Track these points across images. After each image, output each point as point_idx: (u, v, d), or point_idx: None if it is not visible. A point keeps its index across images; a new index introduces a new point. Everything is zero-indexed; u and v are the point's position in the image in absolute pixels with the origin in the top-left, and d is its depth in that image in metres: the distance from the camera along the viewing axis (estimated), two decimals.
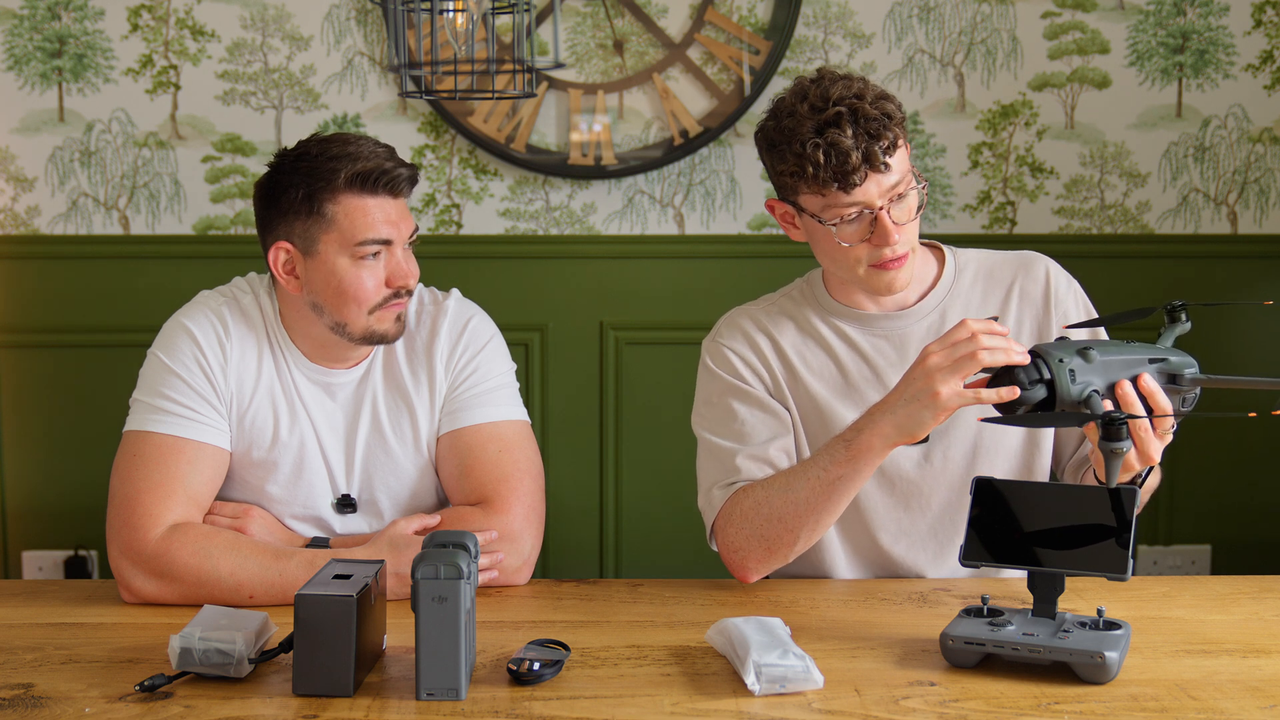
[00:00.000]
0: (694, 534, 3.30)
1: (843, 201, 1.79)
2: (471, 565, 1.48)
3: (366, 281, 1.89)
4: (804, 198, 1.83)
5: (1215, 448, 3.29)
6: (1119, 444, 1.53)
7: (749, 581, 1.89)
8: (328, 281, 1.90)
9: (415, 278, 1.93)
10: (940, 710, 1.43)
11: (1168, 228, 3.27)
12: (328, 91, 3.17)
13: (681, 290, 3.26)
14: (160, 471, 1.87)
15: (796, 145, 1.79)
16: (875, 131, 1.77)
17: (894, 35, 3.20)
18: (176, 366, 1.92)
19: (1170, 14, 3.21)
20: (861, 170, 1.77)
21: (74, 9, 3.14)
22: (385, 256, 1.90)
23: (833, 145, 1.76)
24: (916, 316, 1.94)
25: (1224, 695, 1.48)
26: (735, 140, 3.22)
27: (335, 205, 1.88)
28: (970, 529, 1.62)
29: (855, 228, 1.82)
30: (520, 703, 1.46)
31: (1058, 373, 1.57)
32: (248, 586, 1.80)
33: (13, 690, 1.49)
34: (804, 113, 1.79)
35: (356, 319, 1.91)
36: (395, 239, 1.90)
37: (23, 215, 3.19)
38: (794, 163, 1.80)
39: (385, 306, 1.91)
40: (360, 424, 1.98)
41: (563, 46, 3.16)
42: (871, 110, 1.77)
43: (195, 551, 1.82)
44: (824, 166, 1.77)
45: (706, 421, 1.96)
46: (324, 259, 1.89)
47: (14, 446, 3.23)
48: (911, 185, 1.83)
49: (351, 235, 1.88)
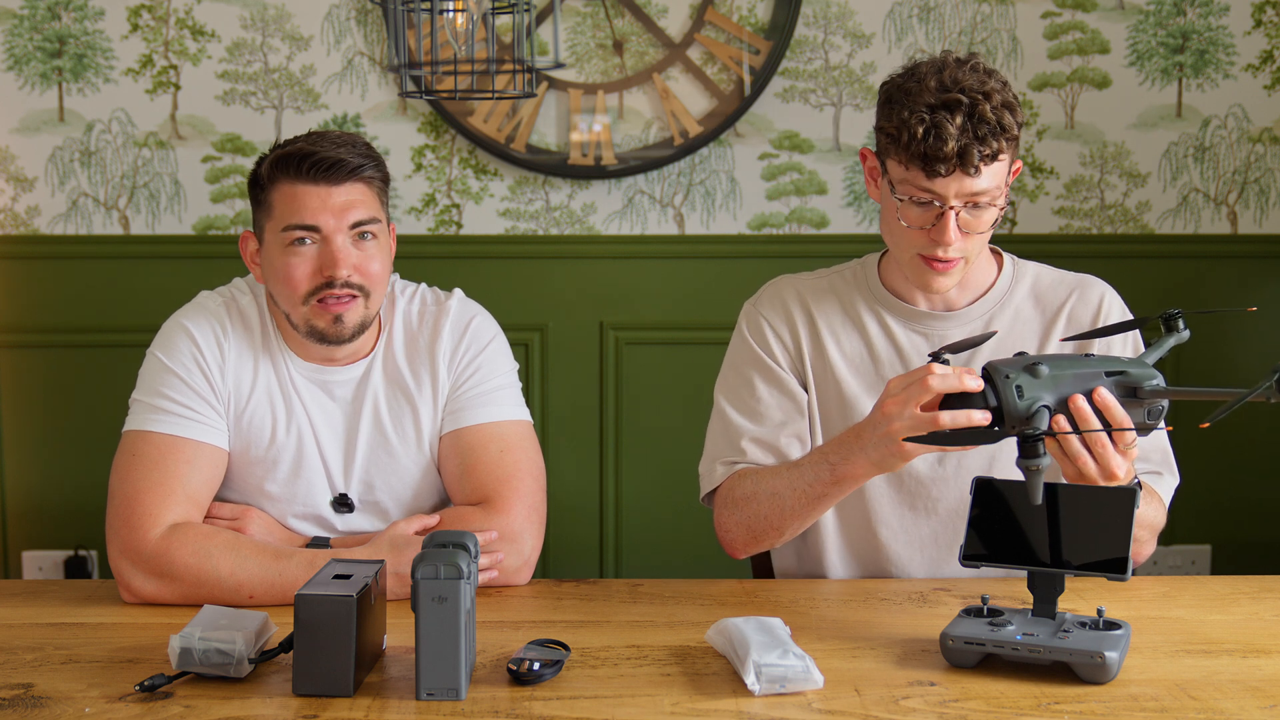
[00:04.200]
0: (694, 534, 3.31)
1: (920, 183, 1.78)
2: (471, 565, 1.48)
3: (295, 269, 1.88)
4: (891, 162, 1.83)
5: (1215, 448, 3.29)
6: (1033, 460, 1.50)
7: (738, 558, 1.96)
8: (270, 269, 1.92)
9: (352, 268, 1.89)
10: (940, 710, 1.43)
11: (1168, 228, 3.28)
12: (328, 91, 3.17)
13: (681, 290, 3.26)
14: (159, 471, 1.87)
15: (906, 112, 1.78)
16: (983, 135, 1.75)
17: (894, 35, 3.20)
18: (175, 366, 1.92)
19: (1170, 14, 3.21)
20: (951, 163, 1.75)
21: (74, 9, 3.14)
22: (320, 245, 1.89)
23: (936, 127, 1.75)
24: (962, 320, 1.94)
25: (1224, 695, 1.48)
26: (735, 140, 3.22)
27: (274, 192, 1.90)
28: (970, 529, 1.62)
29: (919, 213, 1.81)
30: (520, 703, 1.46)
31: (1003, 389, 1.54)
32: (248, 586, 1.80)
33: (13, 690, 1.49)
34: (930, 86, 1.78)
35: (294, 309, 1.91)
36: (327, 227, 1.87)
37: (23, 215, 3.19)
38: (897, 125, 1.79)
39: (319, 300, 1.89)
40: (361, 423, 1.98)
41: (563, 46, 3.16)
42: (990, 114, 1.76)
43: (195, 551, 1.81)
44: (919, 142, 1.76)
45: (726, 387, 2.00)
46: (267, 247, 1.92)
47: (14, 446, 3.23)
48: (995, 202, 1.81)
49: (281, 220, 1.89)
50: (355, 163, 1.89)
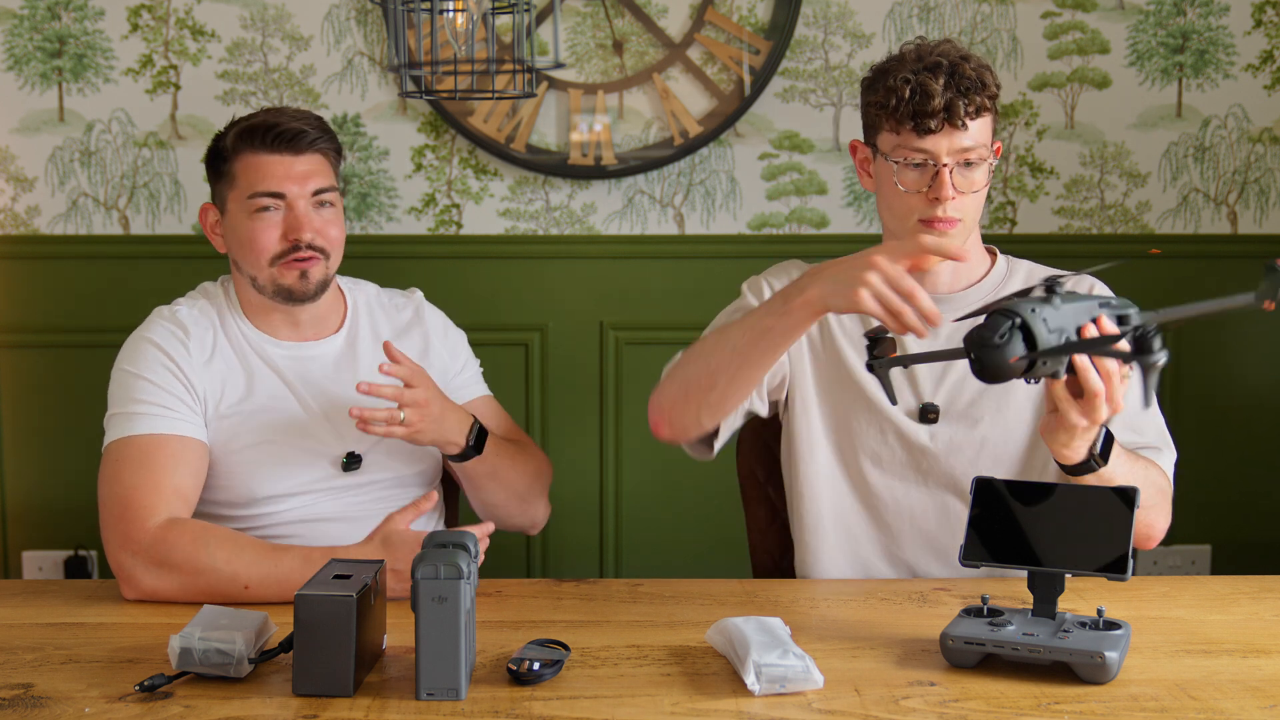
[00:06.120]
0: (694, 534, 3.31)
1: (912, 144, 1.86)
2: (471, 565, 1.48)
3: (261, 234, 2.00)
4: (882, 136, 1.90)
5: (1215, 448, 3.29)
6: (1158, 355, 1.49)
7: (660, 436, 1.94)
8: (235, 236, 2.04)
9: (315, 232, 2.01)
10: (940, 710, 1.44)
11: (1168, 228, 3.27)
12: (328, 91, 3.17)
13: (681, 290, 3.26)
14: (146, 468, 1.92)
15: (890, 79, 1.87)
16: (965, 89, 1.84)
17: (894, 35, 3.20)
18: (143, 371, 1.99)
19: (1170, 14, 3.21)
20: (939, 118, 1.84)
21: (74, 9, 3.14)
22: (284, 211, 2.01)
23: (921, 85, 1.84)
24: (956, 305, 1.95)
25: (1224, 695, 1.48)
26: (735, 140, 3.22)
27: (237, 163, 2.02)
28: (970, 529, 1.62)
29: (915, 175, 1.87)
30: (520, 703, 1.46)
31: (1032, 322, 1.49)
32: (243, 577, 1.82)
33: (13, 690, 1.49)
34: (909, 56, 1.89)
35: (260, 271, 2.02)
36: (291, 193, 2.00)
37: (23, 215, 3.19)
38: (882, 94, 1.88)
39: (286, 261, 2.01)
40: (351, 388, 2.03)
41: (563, 46, 3.16)
42: (969, 71, 1.86)
43: (193, 540, 1.84)
44: (906, 102, 1.85)
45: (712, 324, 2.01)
46: (231, 215, 2.04)
47: (14, 446, 3.23)
48: (984, 159, 1.88)
49: (246, 189, 2.01)
50: (314, 134, 2.03)
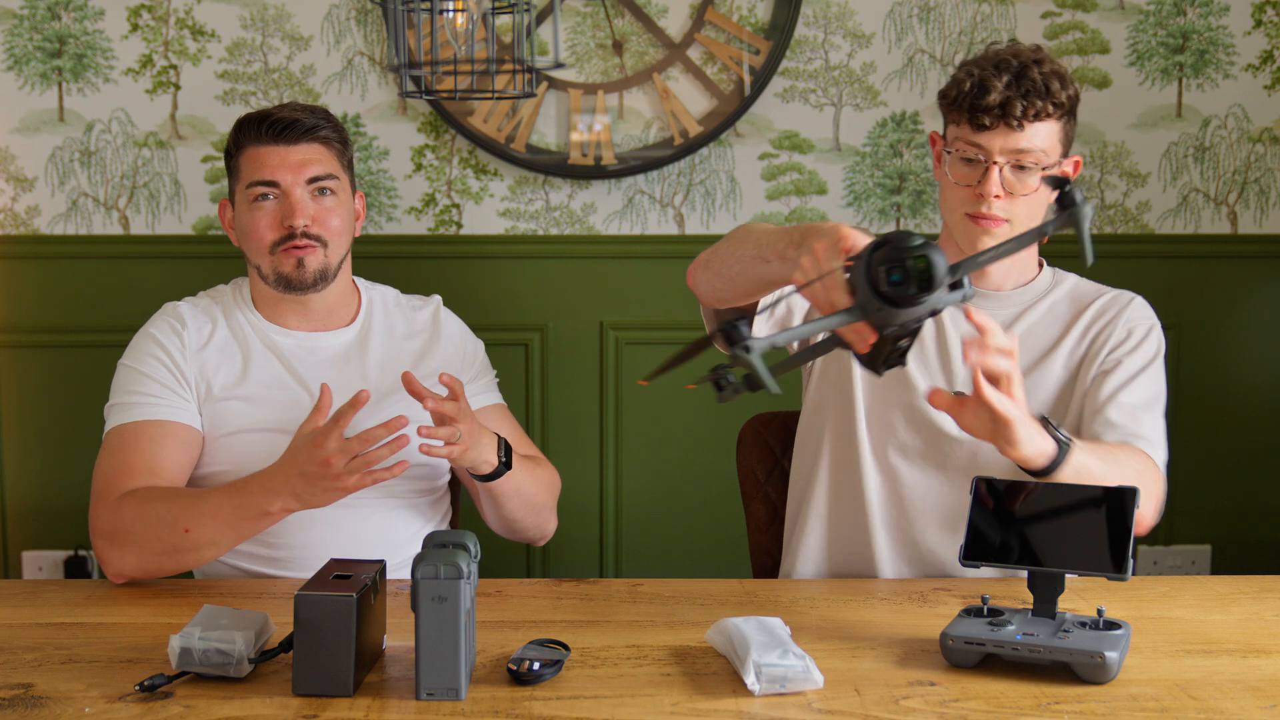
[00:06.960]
0: (694, 534, 3.31)
1: (967, 137, 1.90)
2: (471, 565, 1.48)
3: (258, 222, 2.06)
4: (948, 128, 1.95)
5: (1215, 447, 3.29)
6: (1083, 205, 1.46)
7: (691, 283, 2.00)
8: (240, 227, 2.10)
9: (310, 219, 2.04)
10: (940, 710, 1.44)
11: (1168, 228, 3.27)
12: (328, 91, 3.17)
13: (681, 290, 3.24)
14: (120, 454, 1.98)
15: (960, 72, 1.92)
16: (1025, 91, 1.86)
17: (894, 35, 3.20)
18: (133, 363, 2.06)
19: (1170, 14, 3.21)
20: (994, 114, 1.86)
21: (74, 9, 3.13)
22: (280, 200, 2.05)
23: (982, 81, 1.87)
24: (1003, 302, 2.01)
25: (1224, 695, 1.48)
26: (735, 140, 3.22)
27: (240, 157, 2.09)
28: (970, 529, 1.62)
29: (967, 169, 1.91)
30: (520, 703, 1.46)
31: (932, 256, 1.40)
32: (182, 520, 1.85)
33: (13, 690, 1.49)
34: (987, 56, 1.93)
35: (263, 260, 2.07)
36: (285, 182, 2.05)
37: (23, 215, 3.19)
38: (950, 84, 1.93)
39: (284, 249, 2.05)
40: (368, 375, 2.09)
41: (563, 46, 3.16)
42: (1037, 76, 1.87)
43: (138, 502, 1.89)
44: (965, 95, 1.89)
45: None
46: (237, 207, 2.11)
47: (14, 446, 3.23)
48: (1040, 165, 1.88)
49: (246, 180, 2.07)
50: (310, 123, 2.07)
